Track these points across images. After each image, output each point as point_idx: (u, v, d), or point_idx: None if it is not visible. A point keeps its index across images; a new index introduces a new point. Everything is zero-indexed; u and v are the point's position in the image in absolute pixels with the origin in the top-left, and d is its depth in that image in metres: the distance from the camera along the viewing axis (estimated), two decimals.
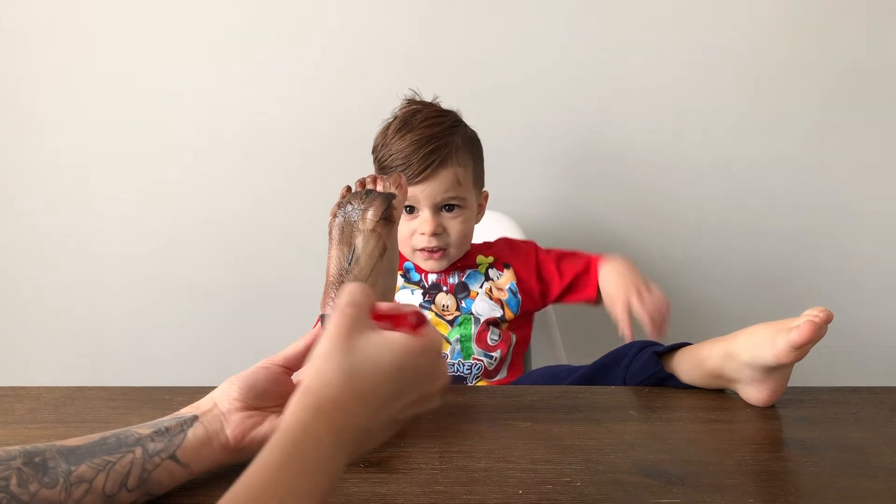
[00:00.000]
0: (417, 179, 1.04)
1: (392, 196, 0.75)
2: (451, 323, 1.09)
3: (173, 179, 1.46)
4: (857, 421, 0.74)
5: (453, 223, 1.08)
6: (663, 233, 1.51)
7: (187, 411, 0.60)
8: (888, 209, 1.51)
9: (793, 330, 0.70)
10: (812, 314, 0.71)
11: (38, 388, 0.79)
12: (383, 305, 0.52)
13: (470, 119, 1.14)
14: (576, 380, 0.87)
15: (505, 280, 1.12)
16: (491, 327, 1.09)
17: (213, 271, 1.50)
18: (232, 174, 1.45)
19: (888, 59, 1.43)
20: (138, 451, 0.55)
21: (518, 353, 1.13)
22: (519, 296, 1.12)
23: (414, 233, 1.08)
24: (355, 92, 1.41)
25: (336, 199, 0.79)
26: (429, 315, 1.09)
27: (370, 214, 0.73)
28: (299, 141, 1.44)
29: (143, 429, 0.57)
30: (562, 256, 1.18)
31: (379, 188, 0.78)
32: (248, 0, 1.38)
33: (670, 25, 1.41)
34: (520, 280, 1.13)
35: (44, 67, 1.40)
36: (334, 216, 0.75)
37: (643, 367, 0.82)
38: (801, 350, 0.70)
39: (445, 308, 1.10)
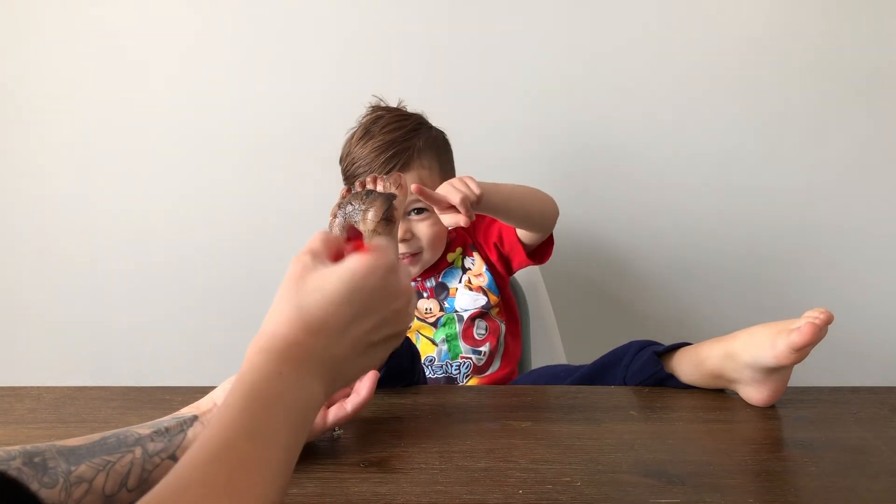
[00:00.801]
0: None
1: (393, 196, 0.75)
2: (434, 324, 1.08)
3: (173, 181, 1.46)
4: (857, 421, 0.74)
5: (422, 227, 1.06)
6: (663, 233, 1.51)
7: (187, 411, 0.60)
8: (888, 209, 1.51)
9: (793, 332, 0.70)
10: (812, 315, 0.71)
11: (38, 388, 0.79)
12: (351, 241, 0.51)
13: (468, 117, 1.13)
14: (576, 380, 0.87)
15: (479, 264, 1.12)
16: (476, 321, 1.08)
17: (213, 271, 1.49)
18: (232, 175, 1.45)
19: (889, 58, 1.43)
20: (138, 451, 0.55)
21: (511, 340, 1.12)
22: (494, 274, 1.11)
23: None
24: (355, 92, 1.40)
25: (336, 199, 0.78)
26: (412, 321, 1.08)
27: (371, 215, 0.73)
28: (299, 141, 1.44)
29: (143, 429, 0.57)
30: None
31: (379, 188, 0.77)
32: (245, 1, 1.38)
33: (670, 26, 1.41)
34: (487, 253, 1.12)
35: (44, 70, 1.40)
36: (334, 216, 0.75)
37: (643, 366, 0.82)
38: (802, 352, 0.70)
39: (429, 311, 1.09)
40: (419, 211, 1.06)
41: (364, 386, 0.67)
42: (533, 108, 1.43)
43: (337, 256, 0.49)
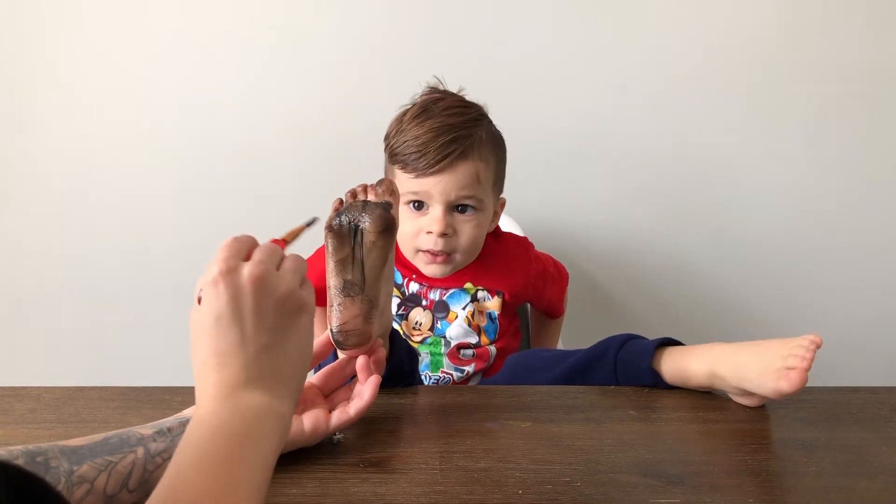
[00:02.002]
0: (433, 170, 0.93)
1: (389, 205, 0.72)
2: (420, 342, 1.02)
3: (174, 179, 1.45)
4: (857, 421, 0.74)
5: (466, 226, 0.97)
6: (664, 232, 1.51)
7: (190, 412, 0.60)
8: (888, 208, 1.51)
9: (782, 378, 0.69)
10: (801, 355, 0.70)
11: (38, 388, 0.79)
12: None
13: None
14: (553, 380, 0.85)
15: (490, 305, 1.04)
16: (462, 350, 1.02)
17: None
18: (233, 174, 1.45)
19: (888, 59, 1.43)
20: (140, 451, 0.55)
21: (501, 360, 1.03)
22: (497, 322, 1.04)
23: (420, 231, 0.97)
24: (356, 94, 1.40)
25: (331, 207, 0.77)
26: (399, 330, 1.02)
27: (368, 228, 0.71)
28: (300, 142, 1.44)
29: (146, 429, 0.57)
30: (555, 295, 1.17)
31: (371, 198, 0.74)
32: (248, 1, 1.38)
33: (671, 26, 1.41)
34: (505, 307, 1.05)
35: (44, 68, 1.40)
36: (330, 229, 0.72)
37: (639, 377, 0.81)
38: (792, 394, 0.70)
39: (417, 326, 1.02)
40: (464, 209, 0.97)
41: (367, 390, 0.67)
42: (533, 109, 1.43)
43: None
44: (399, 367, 0.79)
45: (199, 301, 0.50)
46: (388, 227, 0.71)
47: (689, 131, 1.46)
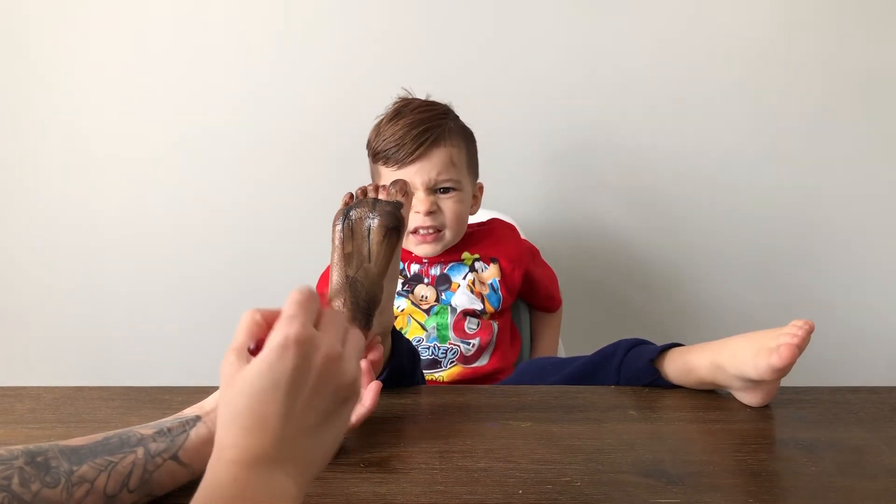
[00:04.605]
0: (411, 158, 1.06)
1: (399, 205, 0.73)
2: (427, 311, 1.09)
3: (174, 180, 1.46)
4: (857, 421, 0.74)
5: (448, 203, 1.08)
6: (662, 231, 1.51)
7: (190, 412, 0.60)
8: (888, 208, 1.51)
9: (773, 354, 0.71)
10: (791, 333, 0.72)
11: (38, 388, 0.79)
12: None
13: (469, 116, 1.15)
14: (563, 379, 0.86)
15: (489, 274, 1.12)
16: (468, 317, 1.09)
17: (214, 271, 1.49)
18: (232, 175, 1.45)
19: (888, 59, 1.43)
20: (140, 451, 0.54)
21: (504, 341, 1.12)
22: (500, 292, 1.11)
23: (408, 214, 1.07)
24: (353, 91, 1.41)
25: (335, 202, 0.77)
26: (405, 303, 1.09)
27: (377, 224, 0.71)
28: (299, 142, 1.44)
29: (146, 429, 0.57)
30: (549, 277, 1.23)
31: (382, 196, 0.75)
32: (248, 1, 1.38)
33: (671, 25, 1.41)
34: (503, 275, 1.12)
35: (43, 67, 1.40)
36: (337, 224, 0.72)
37: (639, 375, 0.81)
38: (783, 370, 0.71)
39: (423, 298, 1.10)
40: (445, 190, 1.08)
41: (368, 397, 0.67)
42: (535, 108, 1.43)
43: (265, 337, 0.48)
44: (399, 368, 0.80)
45: (254, 352, 0.47)
46: (396, 225, 0.71)
47: (689, 131, 1.46)
